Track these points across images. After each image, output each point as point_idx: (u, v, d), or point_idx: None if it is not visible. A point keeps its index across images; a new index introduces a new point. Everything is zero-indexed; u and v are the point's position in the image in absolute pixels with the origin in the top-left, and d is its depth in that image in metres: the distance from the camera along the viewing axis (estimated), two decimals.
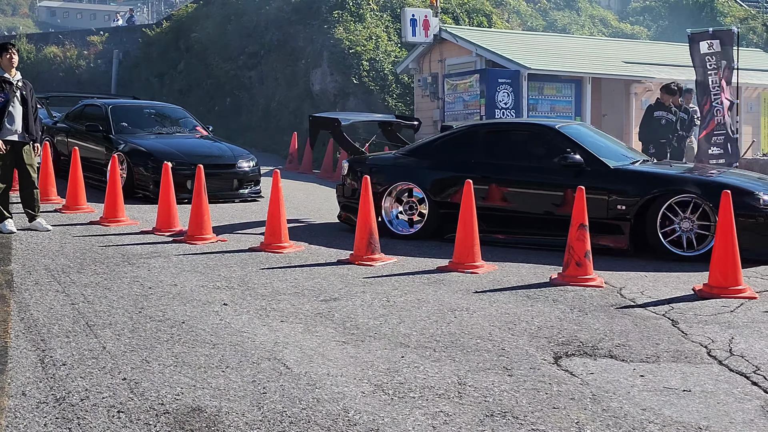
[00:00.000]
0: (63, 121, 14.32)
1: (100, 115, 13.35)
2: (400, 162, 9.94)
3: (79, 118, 13.96)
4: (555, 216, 8.78)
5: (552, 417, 4.00)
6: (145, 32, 31.50)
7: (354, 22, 21.35)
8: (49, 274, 7.05)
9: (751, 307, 6.25)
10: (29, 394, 4.15)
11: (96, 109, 13.83)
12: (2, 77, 8.98)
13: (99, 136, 12.97)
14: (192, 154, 12.11)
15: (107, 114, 13.27)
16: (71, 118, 14.18)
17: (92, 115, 13.59)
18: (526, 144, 9.56)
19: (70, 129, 13.88)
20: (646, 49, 20.75)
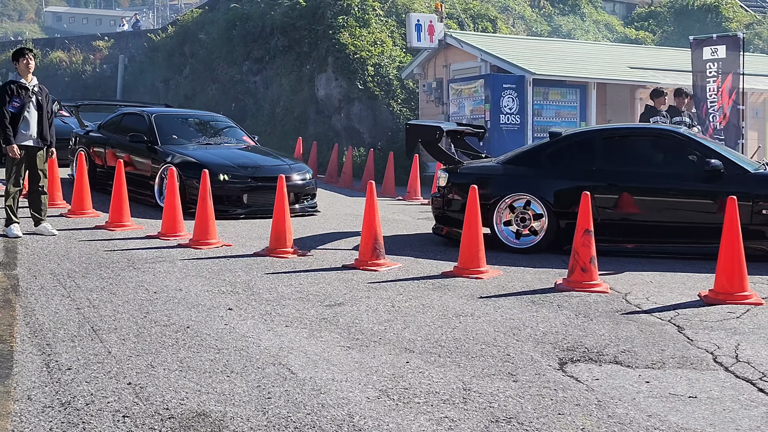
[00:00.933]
0: (99, 131, 13.53)
1: (143, 125, 12.46)
2: (509, 171, 9.42)
3: (117, 127, 13.14)
4: (699, 224, 8.59)
5: (557, 423, 3.99)
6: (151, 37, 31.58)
7: (359, 27, 21.38)
8: (55, 278, 7.06)
9: (758, 314, 6.23)
10: (35, 399, 4.15)
11: (137, 118, 12.94)
12: (18, 83, 9.07)
13: (143, 147, 12.03)
14: (246, 166, 11.42)
15: (151, 123, 12.40)
16: (109, 128, 13.38)
17: (133, 125, 12.68)
18: (651, 149, 9.34)
19: (108, 139, 13.02)
20: (651, 55, 20.74)
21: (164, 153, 11.75)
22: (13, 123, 8.98)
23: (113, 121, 13.46)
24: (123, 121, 13.22)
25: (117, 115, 13.71)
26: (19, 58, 9.13)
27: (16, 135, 9.00)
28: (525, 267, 8.13)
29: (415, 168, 15.26)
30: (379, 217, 7.96)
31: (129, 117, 13.28)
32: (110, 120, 13.60)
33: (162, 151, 11.84)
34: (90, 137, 13.59)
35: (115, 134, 13.00)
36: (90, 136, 13.62)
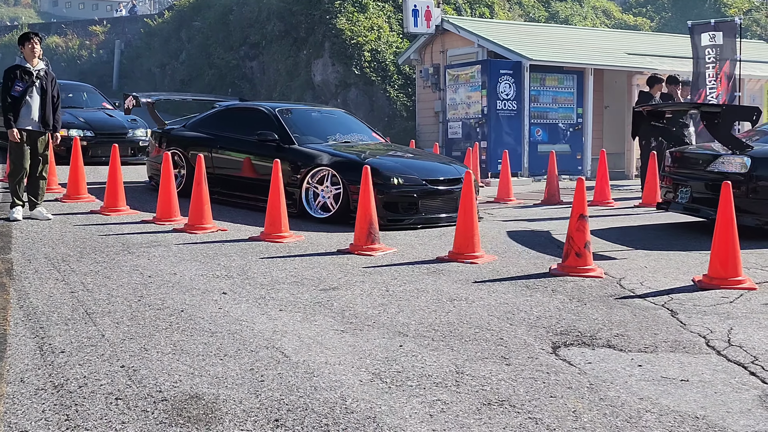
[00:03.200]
0: (194, 129, 11.82)
1: (265, 122, 10.88)
2: None
3: (221, 125, 11.50)
4: None
5: (549, 406, 4.00)
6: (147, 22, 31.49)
7: (356, 12, 21.31)
8: (49, 262, 7.05)
9: (751, 298, 6.25)
10: (28, 381, 4.16)
11: (253, 114, 11.33)
12: (23, 67, 9.08)
13: (271, 148, 10.45)
14: (420, 169, 9.89)
15: (278, 120, 10.86)
16: (208, 126, 11.69)
17: (248, 122, 11.12)
18: None
19: (215, 139, 11.32)
20: (648, 41, 20.70)
21: (307, 154, 10.19)
22: (15, 107, 8.98)
23: (211, 119, 11.81)
24: (228, 118, 11.61)
25: (216, 111, 12.02)
26: (24, 43, 9.15)
27: (17, 119, 9.00)
28: (520, 252, 8.13)
29: None
30: (374, 202, 7.95)
31: (237, 113, 11.68)
32: (205, 117, 11.96)
33: (303, 151, 10.27)
34: (185, 137, 11.77)
35: (222, 133, 11.32)
36: (185, 136, 11.79)
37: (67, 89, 16.77)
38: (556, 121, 16.88)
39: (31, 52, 9.10)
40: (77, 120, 14.97)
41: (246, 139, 10.87)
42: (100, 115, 15.81)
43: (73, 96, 16.65)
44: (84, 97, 17.08)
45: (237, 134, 11.12)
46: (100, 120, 15.43)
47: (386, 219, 9.26)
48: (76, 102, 16.44)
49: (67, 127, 13.98)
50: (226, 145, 11.15)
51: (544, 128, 16.80)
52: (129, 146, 15.19)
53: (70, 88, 17.33)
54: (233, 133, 11.21)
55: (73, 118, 14.87)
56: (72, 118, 14.81)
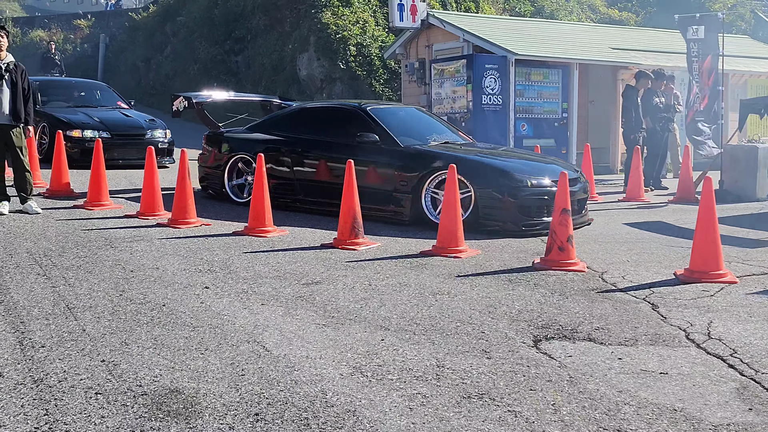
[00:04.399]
0: (265, 131, 10.82)
1: (360, 123, 9.94)
2: None
3: (300, 128, 10.53)
4: None
5: (528, 399, 4.02)
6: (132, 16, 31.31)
7: (341, 6, 21.26)
8: (31, 257, 7.02)
9: (731, 292, 6.29)
10: (7, 376, 4.14)
11: (342, 114, 10.44)
12: None
13: (371, 149, 9.57)
14: (545, 170, 9.22)
15: (373, 120, 9.95)
16: (282, 128, 10.70)
17: (334, 124, 10.30)
18: None
19: (296, 141, 10.35)
20: (634, 36, 20.75)
21: (424, 156, 9.34)
22: None
23: (286, 120, 10.88)
24: (308, 119, 10.71)
25: (290, 112, 11.13)
26: None
27: None
28: (504, 246, 8.15)
29: None
30: (357, 196, 7.95)
31: (320, 114, 10.79)
32: (278, 119, 11.02)
33: (418, 153, 9.43)
34: (255, 140, 10.68)
35: (303, 135, 10.39)
36: (255, 139, 10.73)
37: (79, 87, 16.24)
38: (541, 116, 16.92)
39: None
40: (92, 120, 13.92)
41: (338, 142, 9.94)
42: (116, 114, 14.67)
43: (85, 94, 15.89)
44: (97, 95, 16.06)
45: (323, 136, 10.18)
46: (117, 120, 14.28)
47: (522, 224, 8.72)
48: (89, 101, 15.57)
49: (81, 127, 13.50)
50: (312, 149, 10.17)
51: (529, 123, 16.83)
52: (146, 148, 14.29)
53: (82, 86, 16.58)
54: (317, 135, 10.26)
55: (87, 118, 13.95)
56: (86, 118, 13.94)
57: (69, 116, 13.94)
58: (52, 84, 16.63)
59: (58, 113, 14.11)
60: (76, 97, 15.67)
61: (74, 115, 14.09)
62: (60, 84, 16.95)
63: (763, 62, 19.04)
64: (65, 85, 16.76)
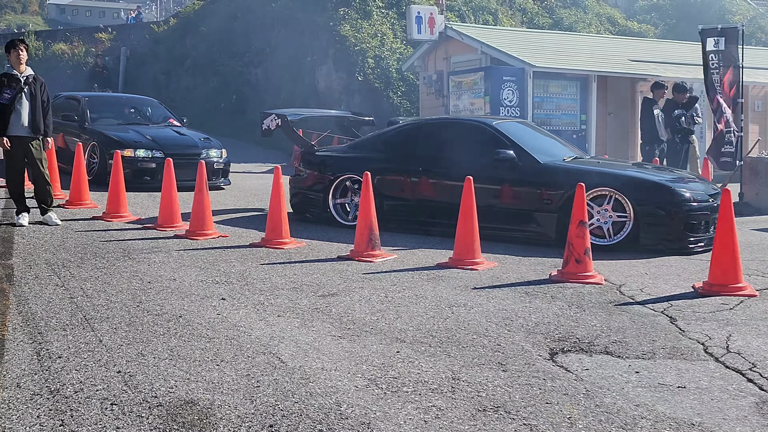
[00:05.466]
0: (371, 150, 10.21)
1: (485, 138, 9.49)
2: None
3: (415, 144, 10.01)
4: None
5: (544, 412, 3.99)
6: (153, 29, 31.57)
7: (360, 19, 21.34)
8: (50, 268, 7.07)
9: (751, 305, 6.23)
10: (24, 386, 4.16)
11: (463, 129, 10.01)
12: (9, 74, 9.10)
13: (505, 167, 9.07)
14: (699, 185, 8.96)
15: (504, 136, 9.44)
16: (393, 146, 10.08)
17: (457, 139, 9.70)
18: None
19: (412, 160, 9.71)
20: (653, 48, 20.68)
21: (574, 173, 8.78)
22: (4, 115, 9.01)
23: (396, 137, 10.23)
24: (422, 136, 10.16)
25: (400, 129, 10.43)
26: (10, 50, 9.17)
27: (7, 126, 9.03)
28: (521, 258, 8.12)
29: None
30: (374, 209, 7.95)
31: (437, 130, 10.25)
32: (385, 136, 10.39)
33: (566, 170, 8.95)
34: (363, 159, 10.01)
35: (421, 154, 9.80)
36: (362, 158, 10.05)
37: (129, 103, 15.47)
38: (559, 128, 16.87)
39: (18, 59, 9.13)
40: (144, 138, 13.02)
41: (463, 159, 9.34)
42: (169, 132, 13.75)
43: (135, 111, 15.04)
44: (148, 111, 15.16)
45: (446, 154, 9.62)
46: (170, 138, 13.33)
47: (687, 242, 8.42)
48: (140, 118, 14.78)
49: (133, 146, 12.64)
50: (434, 167, 9.60)
51: None
52: None
53: (133, 102, 15.72)
54: (438, 152, 9.71)
55: (139, 137, 13.06)
56: (138, 137, 13.05)
57: (120, 134, 13.09)
58: (101, 100, 15.68)
59: (109, 131, 13.27)
60: (126, 114, 14.87)
61: (125, 133, 13.24)
62: (109, 100, 16.11)
63: None
64: (115, 101, 15.97)
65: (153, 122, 14.56)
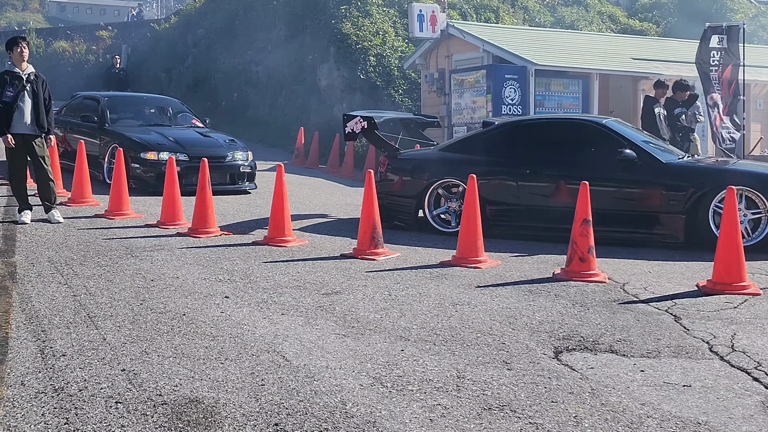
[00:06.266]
0: (467, 152, 9.72)
1: (599, 138, 9.19)
2: None
3: (519, 144, 9.59)
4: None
5: (550, 411, 3.98)
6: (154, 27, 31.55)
7: (361, 17, 21.32)
8: (53, 266, 7.06)
9: (755, 304, 6.22)
10: (28, 384, 4.16)
11: (574, 129, 9.64)
12: (12, 72, 9.09)
13: (627, 167, 8.81)
14: None
15: (621, 135, 9.17)
16: (493, 147, 9.64)
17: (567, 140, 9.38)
18: None
19: (530, 162, 9.26)
20: (654, 46, 20.65)
21: (699, 172, 8.78)
22: (7, 112, 9.00)
23: (496, 138, 9.78)
24: (530, 138, 9.71)
25: (500, 129, 9.96)
26: (12, 47, 9.15)
27: (11, 124, 9.02)
28: (524, 257, 8.11)
29: None
30: (377, 207, 7.94)
31: (545, 130, 9.84)
32: (483, 137, 9.92)
33: (696, 169, 8.86)
34: (463, 161, 9.55)
35: (532, 155, 9.37)
36: (462, 160, 9.60)
37: (150, 103, 14.75)
38: None
39: (20, 56, 9.12)
40: (167, 140, 12.36)
41: (578, 161, 9.11)
42: (192, 134, 13.08)
43: (155, 112, 14.30)
44: (169, 112, 14.40)
45: (557, 156, 9.27)
46: (194, 141, 12.68)
47: None
48: (161, 119, 14.03)
49: (156, 149, 11.95)
50: (546, 170, 9.19)
51: None
52: (228, 172, 12.42)
53: (153, 102, 14.99)
54: (547, 154, 9.33)
55: (162, 138, 12.41)
56: (161, 138, 12.41)
57: (142, 136, 12.44)
58: (121, 100, 14.83)
59: (130, 133, 12.62)
60: (146, 115, 14.12)
61: (147, 135, 12.58)
62: (129, 100, 15.18)
63: None
64: (135, 101, 15.08)
65: (175, 123, 13.93)
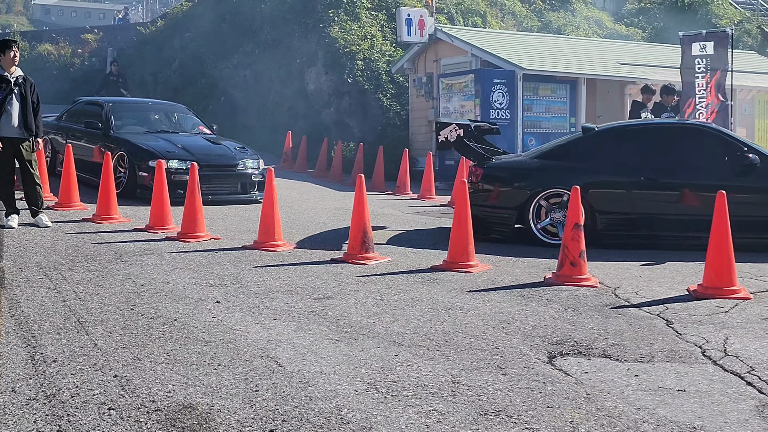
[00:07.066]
0: (569, 159, 9.38)
1: (712, 142, 9.22)
2: None
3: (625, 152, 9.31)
4: None
5: (546, 416, 3.97)
6: (140, 30, 31.42)
7: (349, 21, 21.31)
8: (41, 271, 7.00)
9: (746, 308, 6.24)
10: (19, 391, 4.11)
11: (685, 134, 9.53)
12: (0, 75, 9.00)
13: (749, 171, 8.88)
14: None
15: (734, 138, 9.34)
16: (601, 153, 9.35)
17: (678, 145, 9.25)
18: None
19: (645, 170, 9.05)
20: (641, 51, 20.75)
21: None
22: None
23: (599, 146, 9.48)
24: (639, 144, 9.49)
25: (613, 135, 9.76)
26: (5, 51, 9.05)
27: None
28: (515, 261, 8.11)
29: (404, 163, 15.20)
30: (368, 211, 7.92)
31: (653, 136, 9.70)
32: (590, 144, 9.56)
33: None
34: (572, 170, 9.13)
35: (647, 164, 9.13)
36: (571, 168, 9.21)
37: (155, 109, 14.22)
38: (549, 130, 16.89)
39: (12, 60, 9.03)
40: (176, 148, 11.93)
41: (698, 167, 9.02)
42: (201, 141, 12.66)
43: (160, 118, 13.80)
44: (174, 118, 13.96)
45: (673, 162, 9.13)
46: (204, 148, 12.26)
47: None
48: (167, 125, 13.55)
49: (165, 157, 11.33)
50: (661, 177, 9.02)
51: (537, 137, 16.80)
52: (239, 181, 12.05)
53: (159, 107, 14.49)
54: (663, 160, 9.16)
55: (170, 146, 11.97)
56: (169, 146, 11.96)
57: (150, 143, 11.98)
58: (125, 106, 14.37)
59: (137, 140, 12.15)
60: (152, 121, 13.61)
61: (155, 142, 12.14)
62: (134, 106, 14.75)
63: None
64: (139, 107, 14.61)
65: (181, 130, 13.50)
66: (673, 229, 8.90)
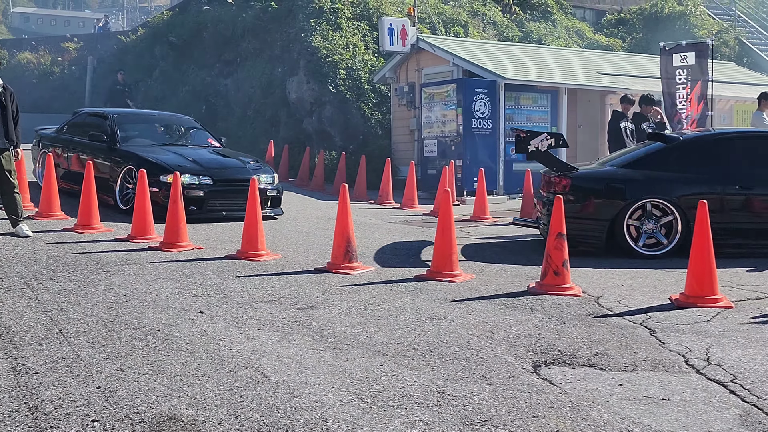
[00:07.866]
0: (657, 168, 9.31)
1: None
2: None
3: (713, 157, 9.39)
4: None
5: (532, 426, 3.98)
6: (121, 39, 31.29)
7: (331, 30, 21.33)
8: (22, 281, 6.93)
9: (728, 317, 6.29)
10: (1, 403, 4.06)
11: None
12: None
13: None
14: None
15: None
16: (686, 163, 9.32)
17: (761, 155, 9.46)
18: None
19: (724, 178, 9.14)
20: (621, 61, 20.92)
21: None
22: None
23: (697, 155, 9.44)
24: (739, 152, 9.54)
25: (704, 142, 9.79)
26: None
27: None
28: (498, 270, 8.13)
29: (387, 172, 15.22)
30: (351, 220, 7.92)
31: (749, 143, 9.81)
32: (681, 152, 9.52)
33: None
34: (673, 180, 9.15)
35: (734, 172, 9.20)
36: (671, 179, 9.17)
37: (162, 121, 13.70)
38: None
39: None
40: (187, 162, 11.30)
41: None
42: (212, 155, 12.13)
43: (165, 130, 13.28)
44: (180, 130, 13.43)
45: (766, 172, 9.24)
46: (216, 162, 11.73)
47: None
48: (174, 137, 13.04)
49: (178, 171, 10.56)
50: (758, 186, 9.14)
51: None
52: None
53: (165, 119, 13.95)
54: (755, 170, 9.26)
55: (182, 160, 11.33)
56: (180, 160, 11.32)
57: (160, 157, 11.33)
58: (130, 118, 13.77)
59: (146, 153, 11.51)
60: (159, 134, 13.10)
61: (165, 155, 11.50)
62: (139, 118, 14.16)
63: (748, 88, 19.21)
64: (145, 118, 14.05)
65: (190, 142, 12.94)
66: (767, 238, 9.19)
